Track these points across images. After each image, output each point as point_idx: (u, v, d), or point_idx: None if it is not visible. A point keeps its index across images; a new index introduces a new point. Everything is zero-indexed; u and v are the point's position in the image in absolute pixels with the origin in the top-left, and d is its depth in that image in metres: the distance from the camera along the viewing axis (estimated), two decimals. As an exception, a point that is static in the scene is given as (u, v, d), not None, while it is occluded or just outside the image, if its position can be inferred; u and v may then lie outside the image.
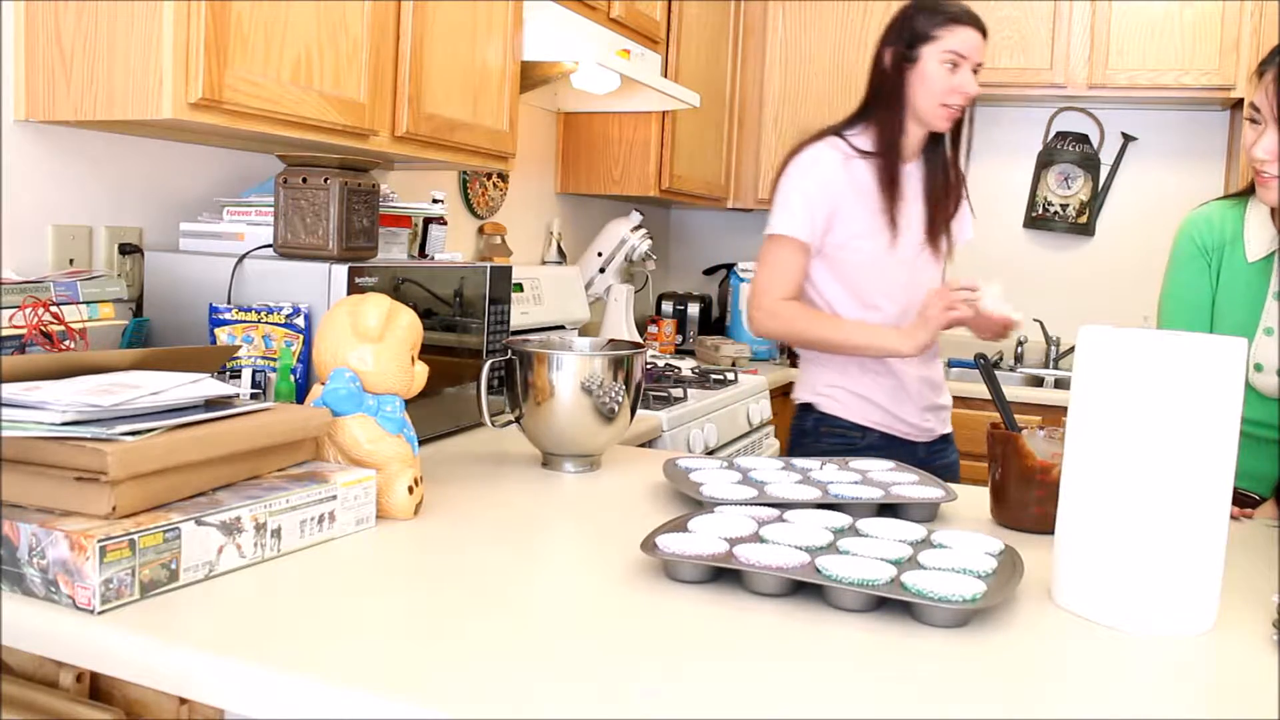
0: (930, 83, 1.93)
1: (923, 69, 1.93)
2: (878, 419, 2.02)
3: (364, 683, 0.83)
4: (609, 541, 1.26)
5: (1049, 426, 1.49)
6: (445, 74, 1.90)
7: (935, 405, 2.09)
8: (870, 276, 1.98)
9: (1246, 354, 1.07)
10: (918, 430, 2.05)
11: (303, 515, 1.16)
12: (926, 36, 1.92)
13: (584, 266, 3.27)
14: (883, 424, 2.02)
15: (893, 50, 1.96)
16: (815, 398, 2.05)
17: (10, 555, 0.97)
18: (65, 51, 1.46)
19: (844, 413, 2.02)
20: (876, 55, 2.00)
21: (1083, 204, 3.71)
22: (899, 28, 1.97)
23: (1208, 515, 1.02)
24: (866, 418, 2.02)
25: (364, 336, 1.32)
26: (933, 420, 2.08)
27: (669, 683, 0.86)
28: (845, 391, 2.03)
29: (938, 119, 1.95)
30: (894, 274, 1.99)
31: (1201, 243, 1.62)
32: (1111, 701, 0.87)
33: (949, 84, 1.92)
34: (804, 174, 1.96)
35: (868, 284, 1.98)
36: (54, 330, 1.38)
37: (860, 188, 1.96)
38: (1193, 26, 3.28)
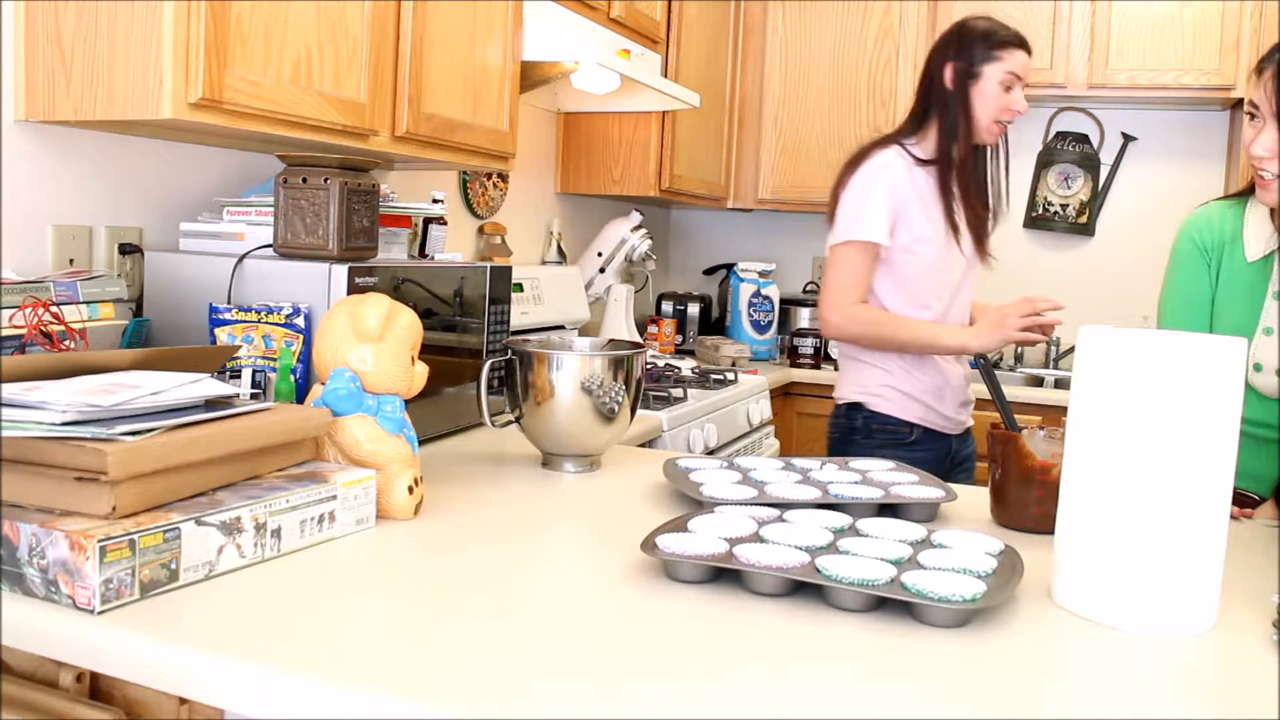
0: (988, 100, 2.07)
1: (983, 87, 2.06)
2: (921, 415, 2.13)
3: (364, 683, 0.83)
4: (609, 541, 1.26)
5: (1049, 426, 1.49)
6: (445, 74, 1.90)
7: (967, 400, 2.22)
8: (926, 279, 2.09)
9: (1246, 354, 1.07)
10: (953, 424, 2.18)
11: (303, 515, 1.16)
12: (989, 57, 2.06)
13: (584, 266, 3.27)
14: (925, 420, 2.14)
15: (954, 66, 2.08)
16: (865, 397, 2.15)
17: (10, 555, 0.97)
18: (65, 51, 1.46)
19: (893, 410, 2.13)
20: (933, 69, 2.11)
21: (1083, 204, 3.71)
22: (960, 45, 2.08)
23: (1208, 515, 1.02)
24: (913, 414, 2.13)
25: (364, 336, 1.32)
26: (964, 414, 2.22)
27: (669, 683, 0.86)
28: (894, 390, 2.13)
29: (990, 134, 2.10)
30: (945, 276, 2.11)
31: (1201, 242, 1.62)
32: (1111, 701, 0.87)
33: (1004, 102, 2.07)
34: (875, 178, 2.05)
35: (922, 286, 2.09)
36: (54, 330, 1.38)
37: (921, 194, 2.07)
38: (1193, 26, 3.28)
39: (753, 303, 3.66)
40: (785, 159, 3.67)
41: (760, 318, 3.67)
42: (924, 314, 2.09)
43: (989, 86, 2.06)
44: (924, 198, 2.07)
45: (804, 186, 3.66)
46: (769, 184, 3.70)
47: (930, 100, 2.11)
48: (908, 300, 2.09)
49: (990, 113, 2.07)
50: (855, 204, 2.05)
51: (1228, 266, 1.60)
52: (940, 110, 2.09)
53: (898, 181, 2.05)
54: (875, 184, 2.04)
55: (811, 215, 3.95)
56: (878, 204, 2.03)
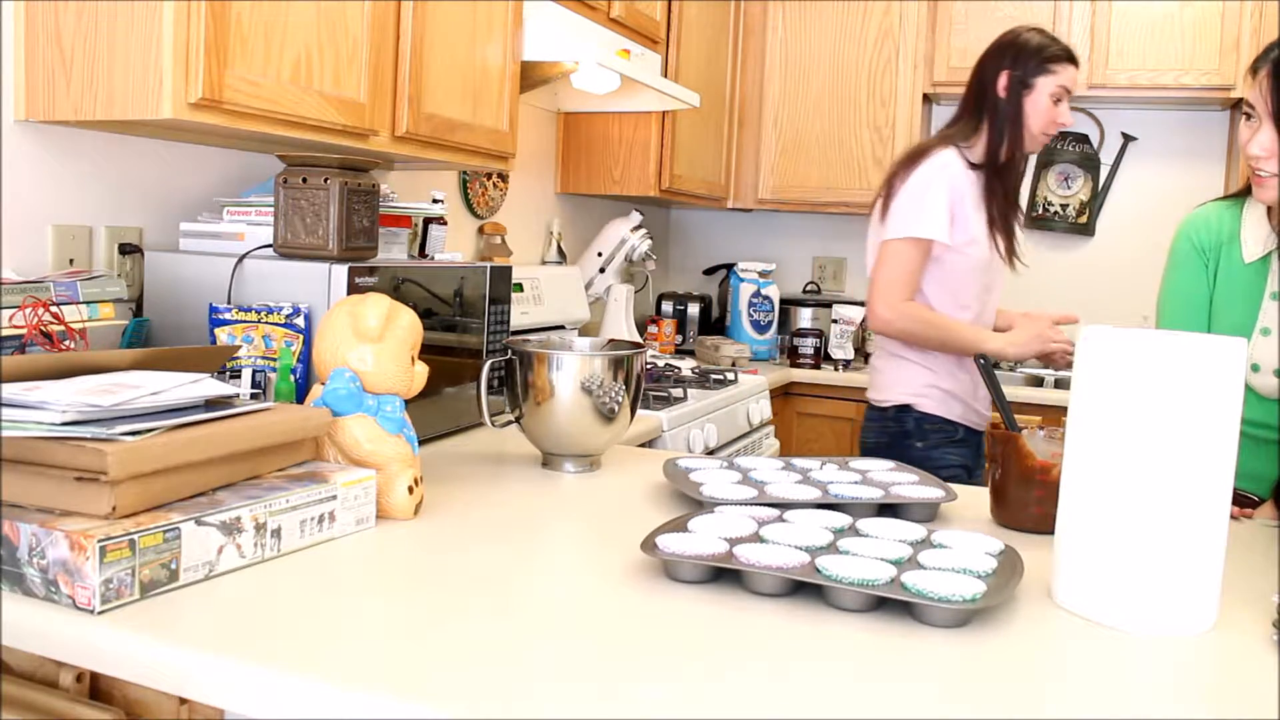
0: (1041, 112, 2.12)
1: (1036, 98, 2.12)
2: (962, 413, 2.18)
3: (364, 683, 0.83)
4: (609, 541, 1.26)
5: (1049, 426, 1.49)
6: (445, 74, 1.90)
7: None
8: (969, 279, 2.13)
9: (1245, 354, 1.07)
10: (983, 420, 2.24)
11: (303, 515, 1.16)
12: (1043, 70, 2.12)
13: (584, 266, 3.27)
14: (965, 418, 2.19)
15: (1009, 75, 2.12)
16: (914, 398, 2.17)
17: (10, 555, 0.97)
18: (65, 51, 1.46)
19: (940, 410, 2.17)
20: (986, 75, 2.15)
21: (1083, 204, 3.71)
22: (1015, 54, 2.13)
23: (1208, 515, 1.02)
24: (956, 413, 2.18)
25: (364, 336, 1.32)
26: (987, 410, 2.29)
27: (669, 683, 0.86)
28: (939, 390, 2.17)
29: (1036, 143, 2.16)
30: (985, 278, 2.17)
31: (1199, 243, 1.63)
32: (1111, 701, 0.87)
33: (1052, 114, 2.13)
34: (936, 176, 2.08)
35: (965, 286, 2.14)
36: (54, 330, 1.38)
37: (974, 196, 2.11)
38: (1193, 26, 3.28)
39: (753, 303, 3.66)
40: (785, 159, 3.67)
41: (760, 318, 3.67)
42: (963, 314, 2.14)
43: (1041, 98, 2.12)
44: (975, 200, 2.12)
45: (804, 186, 3.66)
46: (769, 184, 3.70)
47: (982, 106, 2.15)
48: (950, 300, 2.13)
49: (1040, 124, 2.12)
50: (916, 200, 2.07)
51: (1225, 267, 1.61)
52: (991, 117, 2.14)
53: (957, 181, 2.09)
54: (936, 182, 2.07)
55: (811, 215, 3.95)
56: (938, 202, 2.06)
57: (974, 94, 2.18)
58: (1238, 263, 1.59)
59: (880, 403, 2.23)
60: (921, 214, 2.06)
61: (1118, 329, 1.08)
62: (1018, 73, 2.12)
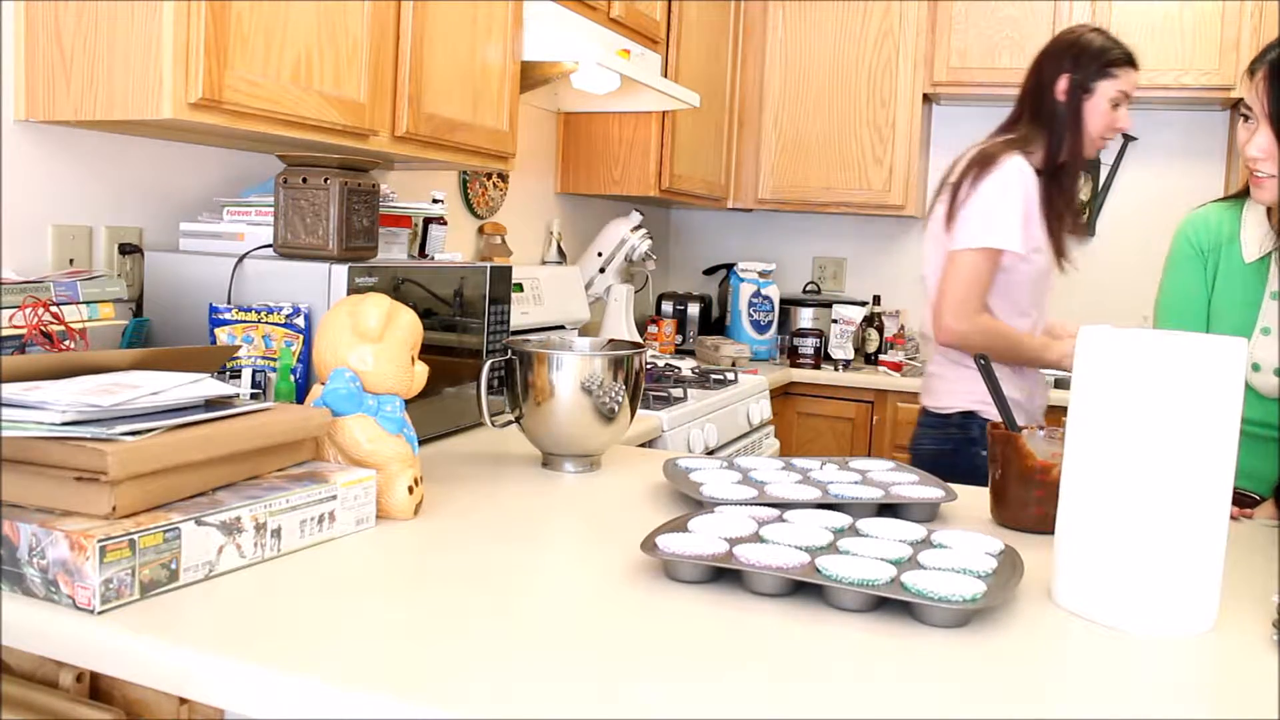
0: (1100, 116, 2.08)
1: (1095, 102, 2.07)
2: (1024, 419, 2.15)
3: (364, 683, 0.83)
4: (609, 541, 1.26)
5: (1049, 426, 1.49)
6: (445, 74, 1.90)
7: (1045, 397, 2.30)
8: (1032, 287, 2.12)
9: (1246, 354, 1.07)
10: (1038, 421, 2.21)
11: (303, 515, 1.16)
12: (1105, 74, 2.07)
13: (584, 266, 3.27)
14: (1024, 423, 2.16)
15: (1069, 78, 2.07)
16: (979, 405, 2.10)
17: (10, 555, 0.97)
18: (65, 51, 1.46)
19: None
20: (1045, 77, 2.10)
21: (1083, 204, 3.71)
22: (1076, 57, 2.07)
23: (1208, 515, 1.02)
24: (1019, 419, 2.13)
25: (364, 336, 1.32)
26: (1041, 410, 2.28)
27: (669, 683, 0.86)
28: None
29: (1094, 148, 2.12)
30: (1044, 284, 2.16)
31: (1198, 244, 1.64)
32: (1111, 701, 0.87)
33: (1111, 119, 2.09)
34: (1012, 184, 2.01)
35: (1026, 294, 2.11)
36: (54, 330, 1.38)
37: (1038, 204, 2.07)
38: (1193, 26, 3.28)
39: (753, 303, 3.66)
40: (785, 159, 3.67)
41: (760, 318, 3.67)
42: (1023, 321, 2.11)
43: (1101, 102, 2.07)
44: (1040, 207, 2.08)
45: (804, 186, 3.66)
46: (769, 184, 3.70)
47: (1039, 109, 2.10)
48: (1011, 308, 2.08)
49: (1099, 128, 2.08)
50: (989, 209, 2.00)
51: (1225, 267, 1.61)
52: (1049, 121, 2.09)
53: (1030, 188, 2.04)
54: (1011, 190, 2.00)
55: (811, 215, 3.95)
56: (1013, 210, 2.00)
57: (1031, 96, 2.12)
58: (1238, 263, 1.60)
59: (941, 409, 2.16)
60: (995, 223, 1.99)
61: (1118, 329, 1.08)
62: (1078, 76, 2.06)
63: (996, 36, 3.46)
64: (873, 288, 3.94)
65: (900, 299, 3.92)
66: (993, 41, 3.46)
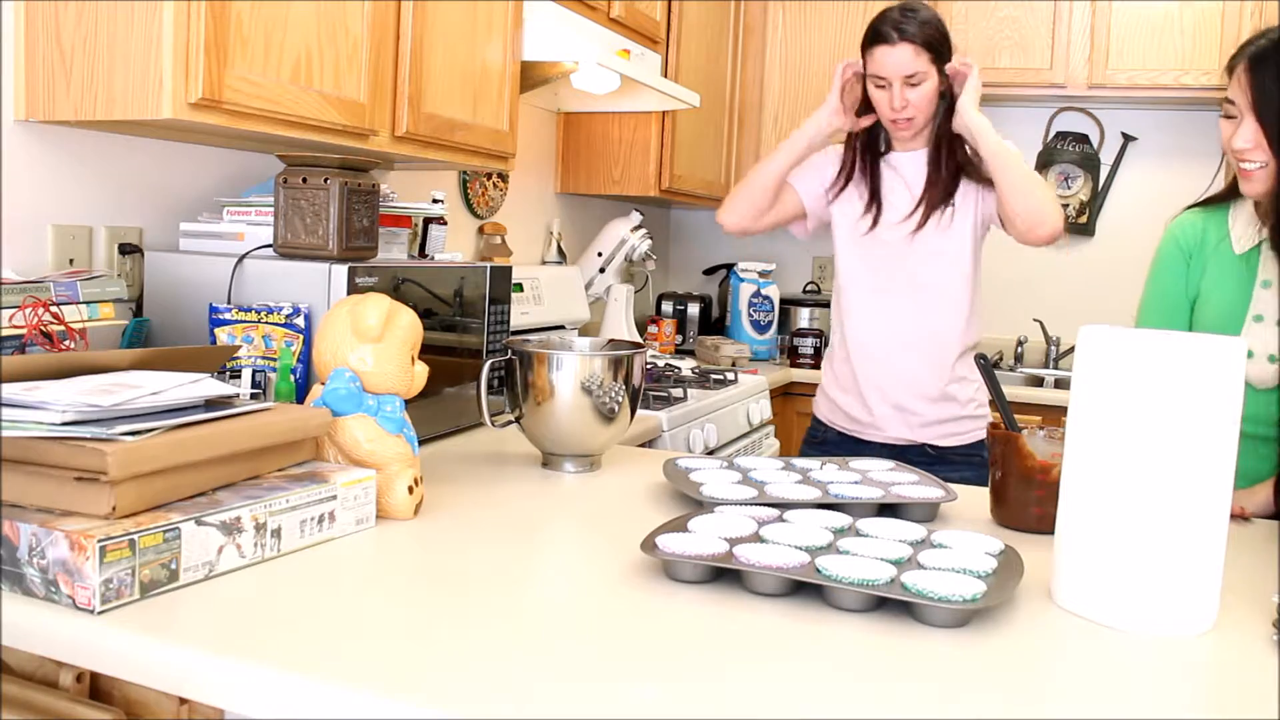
0: (875, 104, 2.02)
1: (869, 92, 2.02)
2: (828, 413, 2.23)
3: (364, 683, 0.83)
4: (609, 541, 1.26)
5: (1049, 426, 1.49)
6: (445, 74, 1.90)
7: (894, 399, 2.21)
8: (870, 255, 2.08)
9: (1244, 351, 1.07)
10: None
11: (303, 515, 1.16)
12: (864, 63, 2.00)
13: (584, 266, 3.27)
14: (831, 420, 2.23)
15: (863, 62, 2.02)
16: None
17: (10, 555, 0.98)
18: (65, 51, 1.46)
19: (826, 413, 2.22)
20: None
21: (1083, 204, 3.71)
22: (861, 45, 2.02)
23: (1208, 515, 1.02)
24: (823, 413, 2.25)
25: (364, 336, 1.32)
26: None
27: (669, 683, 0.86)
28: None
29: (896, 138, 2.06)
30: (889, 253, 2.07)
31: (1186, 246, 1.68)
32: (1111, 701, 0.87)
33: (881, 104, 2.00)
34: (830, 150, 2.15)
35: (870, 264, 2.08)
36: (54, 330, 1.38)
37: (845, 174, 2.10)
38: (1193, 26, 3.28)
39: (753, 303, 3.66)
40: (785, 159, 3.67)
41: (760, 318, 3.67)
42: (881, 299, 2.09)
43: (869, 88, 2.02)
44: (849, 178, 2.13)
45: (804, 186, 3.65)
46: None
47: None
48: (864, 280, 2.12)
49: (881, 115, 2.03)
50: None
51: (1215, 265, 1.64)
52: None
53: (834, 159, 2.17)
54: (829, 152, 2.20)
55: (811, 215, 3.95)
56: (817, 164, 2.16)
57: None
58: (1228, 257, 1.62)
59: None
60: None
61: (1118, 329, 1.08)
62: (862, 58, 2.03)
63: (996, 36, 3.46)
64: (873, 288, 3.94)
65: (900, 299, 3.92)
66: (993, 41, 3.46)
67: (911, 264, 2.03)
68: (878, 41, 1.95)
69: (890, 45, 1.94)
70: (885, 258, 2.05)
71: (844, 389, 2.12)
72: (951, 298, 2.04)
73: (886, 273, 2.05)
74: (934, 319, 2.04)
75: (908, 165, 2.06)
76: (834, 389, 2.15)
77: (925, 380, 2.05)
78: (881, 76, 1.96)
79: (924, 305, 2.03)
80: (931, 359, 2.05)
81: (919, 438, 2.07)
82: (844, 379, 2.12)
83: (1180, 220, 1.71)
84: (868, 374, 2.07)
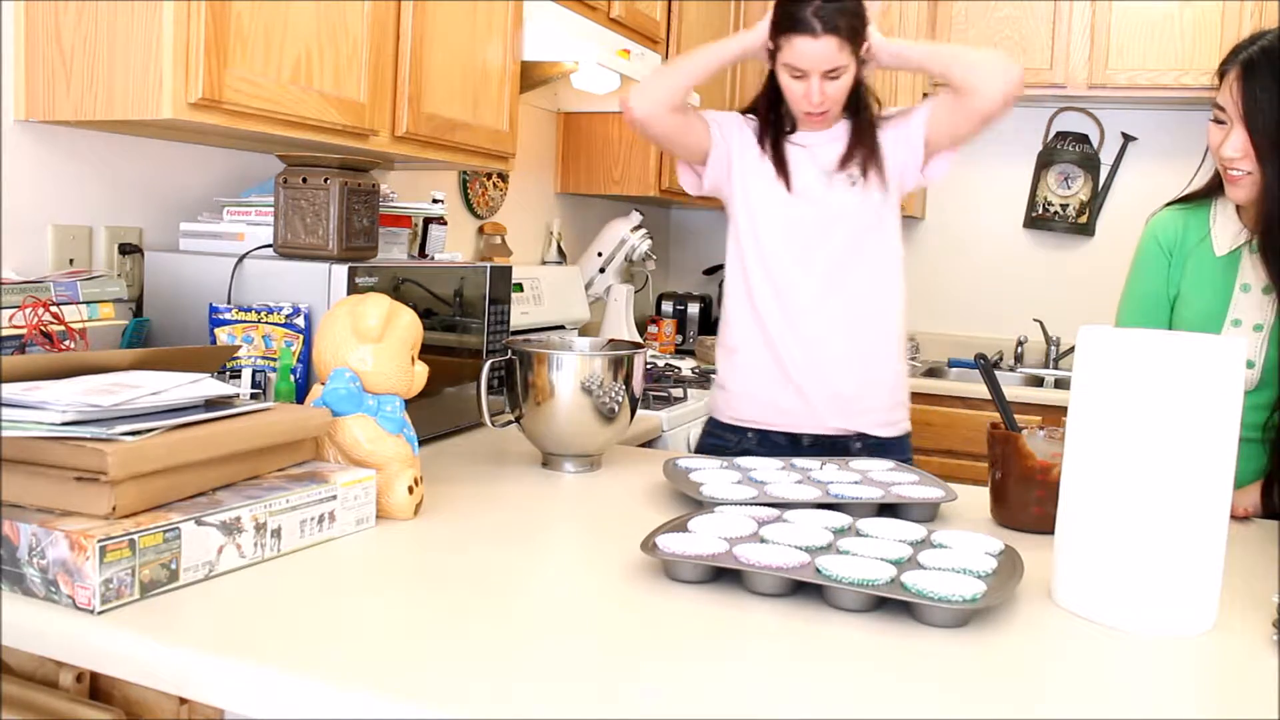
0: (785, 90, 1.85)
1: (778, 74, 1.84)
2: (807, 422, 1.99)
3: (364, 683, 0.83)
4: (609, 541, 1.26)
5: (1049, 426, 1.49)
6: (445, 74, 1.90)
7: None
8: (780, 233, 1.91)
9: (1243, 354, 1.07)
10: None
11: (303, 515, 1.16)
12: (775, 45, 1.81)
13: (584, 266, 3.27)
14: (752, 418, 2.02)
15: (770, 40, 1.83)
16: None
17: (10, 555, 0.97)
18: (65, 51, 1.46)
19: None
20: None
21: (1083, 204, 3.71)
22: (771, 17, 1.83)
23: (1208, 515, 1.02)
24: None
25: (364, 336, 1.32)
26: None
27: (669, 683, 0.86)
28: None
29: (805, 124, 1.89)
30: (800, 232, 1.90)
31: (1166, 244, 1.69)
32: (1111, 701, 0.87)
33: (795, 94, 1.83)
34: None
35: (782, 242, 1.91)
36: (54, 330, 1.38)
37: (742, 152, 1.94)
38: (1193, 26, 3.28)
39: (753, 303, 3.65)
40: (785, 159, 3.67)
41: (760, 318, 3.67)
42: (795, 270, 1.91)
43: (781, 75, 1.84)
44: (748, 156, 1.97)
45: (804, 186, 3.65)
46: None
47: None
48: (778, 259, 1.93)
49: (793, 104, 1.87)
50: None
51: (1195, 264, 1.64)
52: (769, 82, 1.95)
53: (744, 133, 1.99)
54: None
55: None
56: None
57: None
58: (1208, 257, 1.63)
59: None
60: None
61: (1118, 329, 1.08)
62: (770, 39, 1.85)
63: (996, 37, 3.46)
64: (873, 288, 3.95)
65: (900, 299, 3.92)
66: (993, 41, 3.46)
67: (839, 236, 1.87)
68: (798, 31, 1.76)
69: (813, 38, 1.75)
70: (809, 231, 1.88)
71: (766, 378, 1.91)
72: (885, 270, 1.90)
73: (811, 246, 1.87)
74: (870, 292, 1.89)
75: (817, 141, 1.91)
76: (748, 380, 1.93)
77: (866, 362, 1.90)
78: (799, 68, 1.79)
79: (857, 279, 1.88)
80: (870, 337, 1.90)
81: (855, 426, 1.90)
82: (763, 367, 1.90)
83: (1160, 217, 1.71)
84: (797, 358, 1.88)
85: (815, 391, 1.89)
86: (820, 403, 1.89)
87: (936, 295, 3.92)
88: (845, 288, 1.88)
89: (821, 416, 1.90)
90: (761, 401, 1.92)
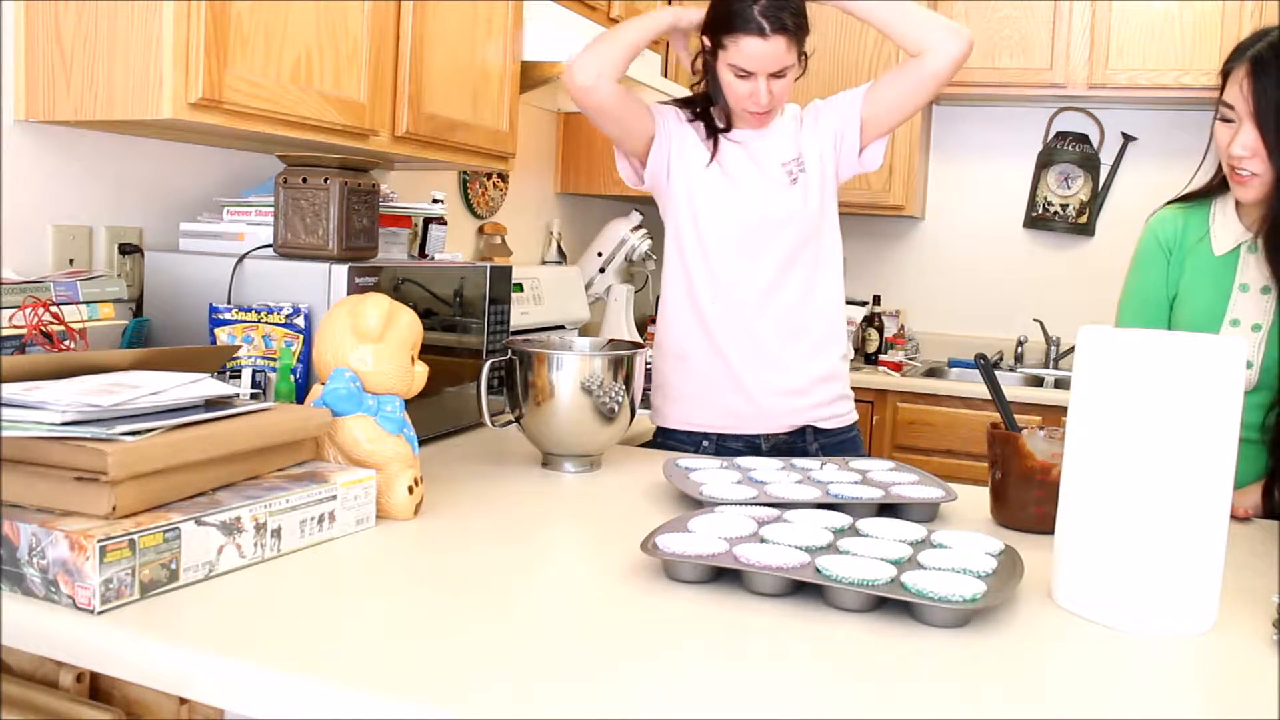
0: (727, 89, 1.81)
1: (719, 72, 1.80)
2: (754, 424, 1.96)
3: (364, 683, 0.83)
4: (609, 541, 1.26)
5: (1049, 426, 1.49)
6: (445, 74, 1.90)
7: None
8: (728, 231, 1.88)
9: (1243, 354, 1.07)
10: None
11: (303, 515, 1.16)
12: (718, 43, 1.77)
13: (584, 266, 3.27)
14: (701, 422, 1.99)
15: (708, 37, 1.79)
16: None
17: (10, 555, 0.97)
18: (65, 51, 1.46)
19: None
20: None
21: (1083, 204, 3.71)
22: (709, 13, 1.79)
23: (1208, 515, 1.02)
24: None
25: (364, 336, 1.32)
26: None
27: (669, 683, 0.86)
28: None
29: (746, 123, 1.87)
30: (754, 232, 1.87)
31: (1166, 242, 1.68)
32: (1111, 701, 0.87)
33: (740, 93, 1.79)
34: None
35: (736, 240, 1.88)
36: (54, 330, 1.38)
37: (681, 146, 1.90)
38: (1193, 26, 3.28)
39: (753, 303, 3.65)
40: (785, 159, 3.67)
41: (760, 318, 3.66)
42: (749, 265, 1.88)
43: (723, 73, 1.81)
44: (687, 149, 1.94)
45: (804, 186, 3.65)
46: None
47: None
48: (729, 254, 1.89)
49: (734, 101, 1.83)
50: None
51: (1193, 261, 1.64)
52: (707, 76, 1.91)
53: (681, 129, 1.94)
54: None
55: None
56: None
57: None
58: (1207, 256, 1.62)
59: None
60: None
61: (1118, 329, 1.08)
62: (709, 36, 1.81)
63: (996, 36, 3.46)
64: (872, 288, 3.95)
65: (900, 299, 3.92)
66: (993, 41, 3.46)
67: (783, 232, 1.85)
68: (747, 31, 1.71)
69: (762, 38, 1.70)
70: (753, 228, 1.85)
71: (716, 382, 1.87)
72: (827, 262, 1.89)
73: (755, 242, 1.85)
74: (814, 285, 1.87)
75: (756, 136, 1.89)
76: (699, 385, 1.89)
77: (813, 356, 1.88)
78: (747, 69, 1.75)
79: (802, 273, 1.86)
80: (817, 330, 1.89)
81: (803, 420, 1.89)
82: (713, 371, 1.87)
83: (1160, 216, 1.70)
84: (744, 358, 1.85)
85: (763, 390, 1.87)
86: (770, 402, 1.87)
87: (936, 295, 3.92)
88: (790, 283, 1.87)
89: (772, 416, 1.88)
90: (717, 407, 1.89)
